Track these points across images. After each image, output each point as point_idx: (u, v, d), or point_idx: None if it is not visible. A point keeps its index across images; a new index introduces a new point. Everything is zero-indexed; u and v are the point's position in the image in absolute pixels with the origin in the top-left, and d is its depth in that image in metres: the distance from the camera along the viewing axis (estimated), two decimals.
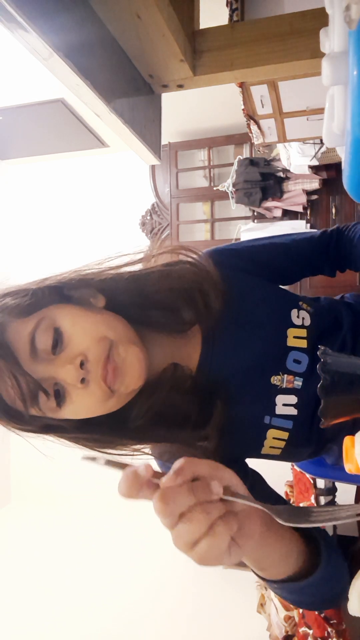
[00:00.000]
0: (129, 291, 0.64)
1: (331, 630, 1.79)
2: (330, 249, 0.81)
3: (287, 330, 0.67)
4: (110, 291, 0.63)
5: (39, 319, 0.57)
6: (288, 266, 0.79)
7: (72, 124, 3.42)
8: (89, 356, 0.56)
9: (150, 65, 0.79)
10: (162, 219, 3.69)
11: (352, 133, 0.51)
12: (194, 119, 3.42)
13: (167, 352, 0.66)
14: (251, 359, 0.65)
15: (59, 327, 0.57)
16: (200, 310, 0.64)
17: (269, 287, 0.72)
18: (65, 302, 0.61)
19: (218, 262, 0.70)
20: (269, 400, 0.65)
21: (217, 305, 0.64)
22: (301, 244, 0.79)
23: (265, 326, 0.67)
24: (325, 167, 3.00)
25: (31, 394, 0.55)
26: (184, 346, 0.67)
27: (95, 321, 0.59)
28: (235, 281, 0.69)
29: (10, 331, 0.57)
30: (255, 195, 3.18)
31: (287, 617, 2.13)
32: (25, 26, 0.51)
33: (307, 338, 0.67)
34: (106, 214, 4.07)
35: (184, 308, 0.63)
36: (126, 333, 0.60)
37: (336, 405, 0.49)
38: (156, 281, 0.65)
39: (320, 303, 0.76)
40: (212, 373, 0.65)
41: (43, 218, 4.25)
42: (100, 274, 0.65)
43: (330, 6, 0.54)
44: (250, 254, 0.76)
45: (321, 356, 0.49)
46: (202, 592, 3.02)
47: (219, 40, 0.82)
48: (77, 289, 0.63)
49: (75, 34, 0.62)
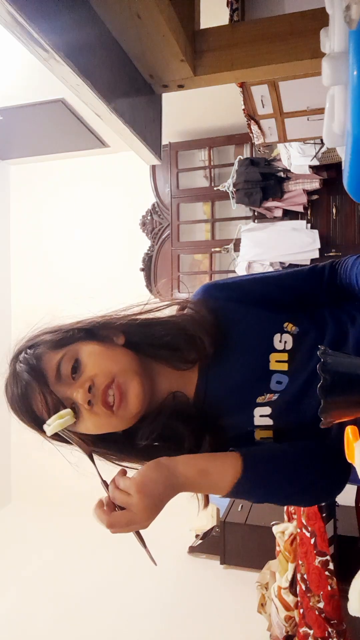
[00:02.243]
0: (144, 333, 0.78)
1: (332, 631, 1.79)
2: (323, 282, 0.83)
3: (270, 355, 0.75)
4: (128, 332, 0.78)
5: (65, 351, 0.73)
6: (280, 296, 0.83)
7: (73, 124, 3.42)
8: (95, 382, 0.71)
9: (150, 65, 0.79)
10: (162, 219, 3.69)
11: (352, 133, 0.51)
12: (195, 119, 3.42)
13: (171, 380, 0.78)
14: (240, 381, 0.76)
15: (79, 358, 0.72)
16: (200, 351, 0.76)
17: (255, 315, 0.79)
18: (90, 340, 0.76)
19: (213, 296, 0.82)
20: (249, 414, 0.75)
21: (211, 348, 0.76)
22: (292, 276, 0.85)
23: (250, 353, 0.76)
24: (325, 167, 3.00)
25: (55, 408, 0.70)
26: (184, 375, 0.78)
27: (107, 355, 0.73)
28: (227, 312, 0.79)
29: (44, 360, 0.73)
30: (255, 195, 3.18)
31: (288, 617, 2.13)
32: (26, 26, 0.51)
33: (288, 361, 0.74)
34: (107, 214, 4.07)
35: (186, 349, 0.76)
36: (131, 365, 0.73)
37: (336, 406, 0.49)
38: (165, 327, 0.78)
39: (308, 320, 0.79)
40: (207, 396, 0.77)
41: (43, 218, 4.25)
42: (122, 318, 0.80)
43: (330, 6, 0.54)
44: (242, 286, 0.84)
45: (321, 356, 0.49)
46: (202, 592, 3.02)
47: (220, 40, 0.82)
48: (102, 329, 0.77)
49: (76, 34, 0.62)
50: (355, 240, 3.16)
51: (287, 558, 2.21)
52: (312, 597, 1.87)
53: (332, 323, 0.78)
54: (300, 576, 1.95)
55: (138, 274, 3.71)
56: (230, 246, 3.43)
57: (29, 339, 0.77)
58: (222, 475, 0.68)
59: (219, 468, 0.68)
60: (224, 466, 0.69)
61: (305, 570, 1.92)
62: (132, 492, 0.64)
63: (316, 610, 1.84)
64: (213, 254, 3.56)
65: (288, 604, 2.13)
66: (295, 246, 3.15)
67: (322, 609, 1.83)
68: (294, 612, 2.10)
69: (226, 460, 0.69)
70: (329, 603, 1.82)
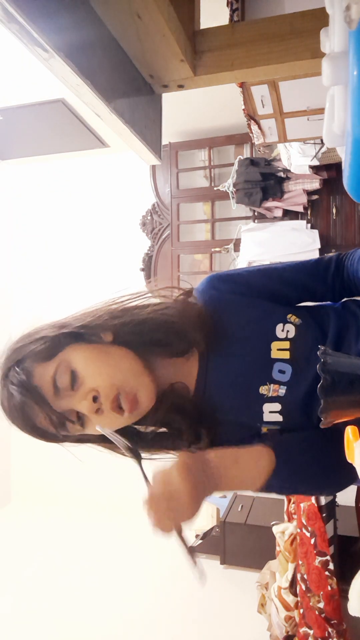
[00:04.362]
0: (133, 332, 0.75)
1: (332, 631, 1.79)
2: (329, 276, 0.82)
3: (272, 344, 0.74)
4: (115, 328, 0.75)
5: (58, 362, 0.70)
6: (283, 290, 0.81)
7: (73, 124, 3.42)
8: (100, 392, 0.68)
9: (150, 65, 0.79)
10: (162, 219, 3.69)
11: (352, 133, 0.51)
12: (195, 119, 3.42)
13: (170, 372, 0.77)
14: (240, 369, 0.75)
15: (74, 369, 0.69)
16: (190, 341, 0.75)
17: (258, 306, 0.79)
18: (78, 341, 0.73)
19: (216, 288, 0.81)
20: (257, 410, 0.73)
21: (204, 342, 0.74)
22: (295, 268, 0.83)
23: (251, 340, 0.75)
24: (325, 167, 3.00)
25: (60, 423, 0.69)
26: (184, 365, 0.77)
27: (104, 360, 0.71)
28: (228, 304, 0.79)
29: (35, 375, 0.69)
30: (255, 195, 3.18)
31: (288, 617, 2.13)
32: (26, 26, 0.51)
33: (290, 349, 0.74)
34: (107, 214, 4.07)
35: (176, 341, 0.75)
36: (132, 367, 0.72)
37: (336, 405, 0.49)
38: (154, 323, 0.75)
39: (311, 314, 0.79)
40: (208, 386, 0.76)
41: (43, 218, 4.25)
42: (108, 313, 0.76)
43: (330, 6, 0.54)
44: (245, 279, 0.82)
45: (321, 356, 0.49)
46: (202, 593, 3.02)
47: (220, 40, 0.82)
48: (88, 329, 0.74)
49: (76, 34, 0.62)
50: (355, 240, 3.16)
51: (287, 558, 2.21)
52: (312, 597, 1.87)
53: (335, 318, 0.77)
54: (300, 576, 1.95)
55: (138, 274, 3.71)
56: (230, 246, 3.43)
57: (12, 351, 0.73)
58: (256, 465, 0.65)
59: (252, 457, 0.66)
60: (255, 456, 0.66)
61: (305, 570, 1.92)
62: (175, 480, 0.59)
63: (316, 610, 1.84)
64: (213, 254, 3.56)
65: (288, 604, 2.13)
66: (295, 246, 3.15)
67: (322, 609, 1.83)
68: (294, 612, 2.10)
69: (255, 451, 0.66)
70: (329, 603, 1.82)
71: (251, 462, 0.65)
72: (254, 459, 0.66)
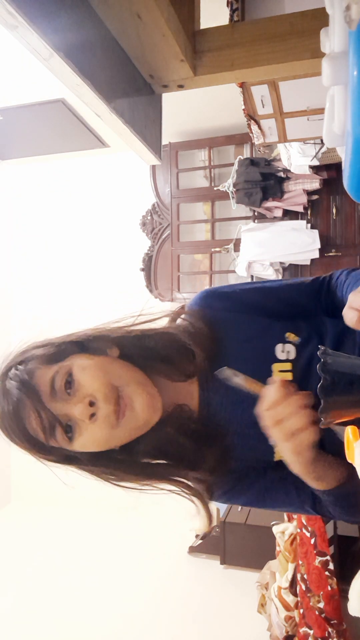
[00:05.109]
0: (138, 346, 0.76)
1: (332, 631, 1.79)
2: (321, 295, 0.82)
3: (272, 366, 0.73)
4: (122, 344, 0.75)
5: (59, 366, 0.70)
6: (279, 309, 0.81)
7: (73, 124, 3.42)
8: (97, 396, 0.68)
9: (150, 65, 0.79)
10: (162, 219, 3.69)
11: (352, 133, 0.51)
12: (195, 119, 3.42)
13: (171, 393, 0.75)
14: (241, 394, 0.71)
15: (72, 373, 0.69)
16: (196, 363, 0.75)
17: (255, 324, 0.78)
18: (83, 352, 0.73)
19: (211, 306, 0.80)
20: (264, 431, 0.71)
21: (205, 362, 0.74)
22: (292, 288, 0.83)
23: (251, 362, 0.74)
24: (325, 167, 3.00)
25: (50, 426, 0.67)
26: (185, 387, 0.76)
27: (105, 368, 0.70)
28: (225, 323, 0.78)
29: (37, 376, 0.69)
30: (255, 196, 3.18)
31: (288, 617, 2.13)
32: (26, 26, 0.51)
33: (292, 370, 0.73)
34: (107, 214, 4.07)
35: (181, 362, 0.75)
36: (133, 376, 0.71)
37: (336, 406, 0.49)
38: (159, 340, 0.76)
39: (309, 329, 0.77)
40: (211, 410, 0.75)
41: (43, 218, 4.25)
42: (115, 331, 0.78)
43: (330, 6, 0.54)
44: (240, 297, 0.82)
45: (321, 356, 0.49)
46: (202, 592, 3.02)
47: (220, 40, 0.82)
48: (95, 341, 0.75)
49: (76, 34, 0.62)
50: (355, 240, 3.16)
51: (287, 558, 2.21)
52: (312, 597, 1.87)
53: (332, 332, 0.76)
54: (300, 576, 1.95)
55: (138, 274, 3.71)
56: (230, 246, 3.43)
57: (18, 354, 0.73)
58: (334, 465, 0.66)
59: (331, 459, 0.66)
60: (336, 460, 0.66)
61: (305, 570, 1.92)
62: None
63: (316, 610, 1.84)
64: (213, 254, 3.56)
65: (288, 604, 2.13)
66: (295, 246, 3.15)
67: (322, 609, 1.83)
68: (294, 612, 2.10)
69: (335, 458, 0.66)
70: (329, 603, 1.82)
71: (330, 460, 0.66)
72: (332, 459, 0.66)
